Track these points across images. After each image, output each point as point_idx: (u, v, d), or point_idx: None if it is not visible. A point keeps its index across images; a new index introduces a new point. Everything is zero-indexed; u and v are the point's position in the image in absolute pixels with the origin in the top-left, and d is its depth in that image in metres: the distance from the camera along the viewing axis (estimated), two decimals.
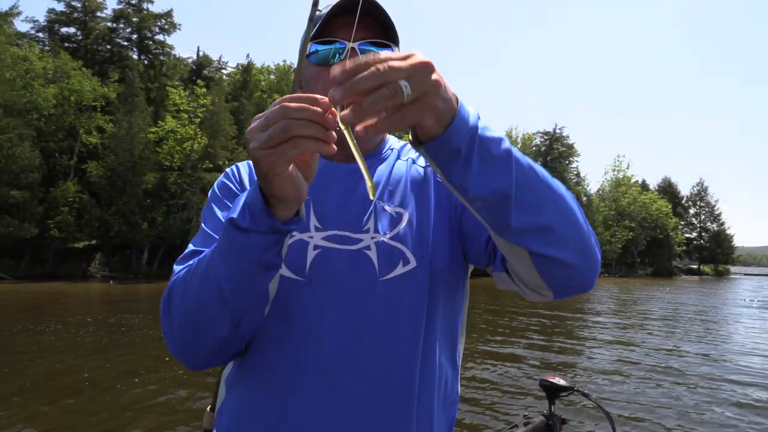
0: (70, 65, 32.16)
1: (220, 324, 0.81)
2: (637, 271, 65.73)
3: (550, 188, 0.78)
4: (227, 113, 35.47)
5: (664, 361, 9.44)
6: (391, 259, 0.95)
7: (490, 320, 14.53)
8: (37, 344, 9.78)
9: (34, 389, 6.72)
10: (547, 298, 0.88)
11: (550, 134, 61.31)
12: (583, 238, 0.81)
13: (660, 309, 20.34)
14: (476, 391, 6.97)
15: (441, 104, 0.64)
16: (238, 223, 0.74)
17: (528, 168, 0.75)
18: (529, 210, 0.75)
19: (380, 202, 1.01)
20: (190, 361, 0.88)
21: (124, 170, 31.43)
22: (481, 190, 0.72)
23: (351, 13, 0.95)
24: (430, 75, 0.62)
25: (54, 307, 16.50)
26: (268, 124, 0.65)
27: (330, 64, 0.98)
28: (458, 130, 0.67)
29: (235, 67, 47.50)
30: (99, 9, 39.72)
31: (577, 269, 0.81)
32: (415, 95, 0.60)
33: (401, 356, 0.91)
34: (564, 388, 2.49)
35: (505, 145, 0.73)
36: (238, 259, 0.76)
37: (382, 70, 0.59)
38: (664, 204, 69.13)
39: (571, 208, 0.80)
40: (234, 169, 1.09)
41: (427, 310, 0.94)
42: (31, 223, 27.84)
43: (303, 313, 0.91)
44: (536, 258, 0.79)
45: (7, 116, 27.23)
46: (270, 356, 0.91)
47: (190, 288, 0.81)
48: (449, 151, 0.68)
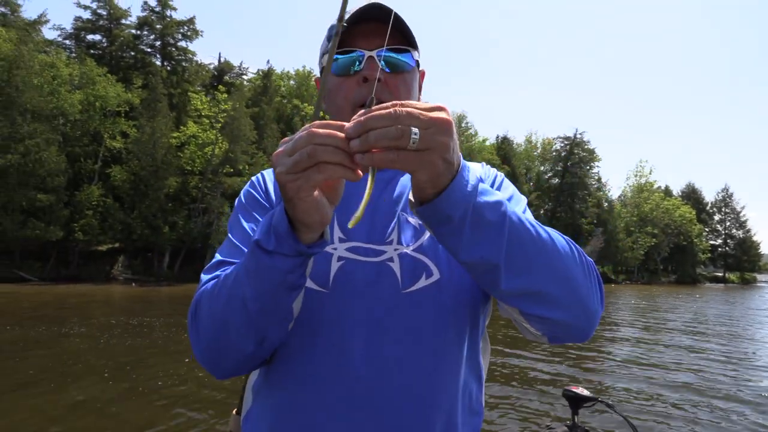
0: (96, 72, 32.91)
1: (245, 340, 0.82)
2: (660, 278, 64.53)
3: (544, 250, 0.77)
4: (248, 118, 35.89)
5: (691, 375, 9.23)
6: (414, 271, 0.94)
7: (510, 328, 14.39)
8: (61, 345, 9.96)
9: (58, 390, 6.84)
10: (543, 342, 0.90)
11: (571, 139, 60.63)
12: (579, 296, 0.81)
13: (685, 319, 19.91)
14: (498, 401, 6.88)
15: (440, 165, 0.66)
16: (263, 245, 0.75)
17: (523, 230, 0.75)
18: (520, 275, 0.76)
19: (404, 213, 1.00)
20: (217, 371, 0.89)
21: (147, 174, 32.00)
22: (470, 258, 0.73)
23: (368, 22, 0.96)
24: (443, 134, 0.64)
25: (78, 308, 16.82)
26: (294, 149, 0.66)
27: (350, 74, 0.99)
28: (453, 197, 0.69)
29: (256, 72, 48.12)
30: (124, 17, 40.60)
31: (571, 325, 0.82)
32: (420, 146, 0.62)
33: (425, 368, 0.90)
34: (588, 398, 2.46)
35: (501, 209, 0.73)
36: (263, 280, 0.77)
37: (398, 113, 0.62)
38: (688, 210, 67.85)
39: (568, 267, 0.80)
40: (259, 177, 1.10)
41: (450, 322, 0.94)
42: (56, 227, 28.50)
43: (327, 324, 0.91)
44: (527, 316, 0.81)
45: (34, 121, 27.95)
46: (296, 367, 0.91)
47: (217, 303, 0.82)
48: (440, 217, 0.70)
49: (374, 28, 0.98)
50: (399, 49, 0.99)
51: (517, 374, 8.60)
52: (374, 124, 0.62)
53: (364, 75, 0.97)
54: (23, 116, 27.40)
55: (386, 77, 0.98)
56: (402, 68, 1.00)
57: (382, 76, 0.98)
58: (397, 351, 0.89)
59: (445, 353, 0.92)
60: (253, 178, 1.10)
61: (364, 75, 0.97)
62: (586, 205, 57.81)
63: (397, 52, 0.99)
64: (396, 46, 0.99)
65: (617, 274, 60.24)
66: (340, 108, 1.01)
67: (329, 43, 1.04)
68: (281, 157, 0.67)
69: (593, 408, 2.50)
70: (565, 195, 58.24)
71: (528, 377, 8.40)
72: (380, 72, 0.97)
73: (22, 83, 27.47)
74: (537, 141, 63.65)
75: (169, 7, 41.25)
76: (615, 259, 57.58)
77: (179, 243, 32.88)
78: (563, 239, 0.82)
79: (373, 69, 0.97)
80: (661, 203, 64.83)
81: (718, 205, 78.58)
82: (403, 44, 1.00)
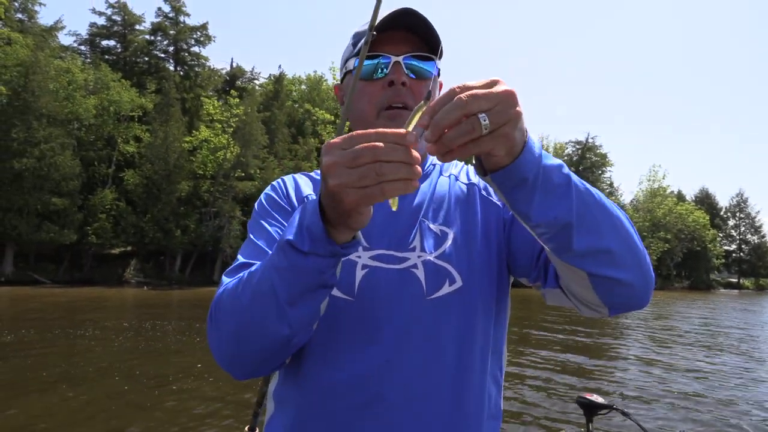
0: (110, 77, 33.33)
1: (273, 338, 0.81)
2: (673, 283, 63.82)
3: (607, 211, 0.78)
4: (259, 123, 36.08)
5: (707, 383, 9.10)
6: (437, 278, 0.95)
7: (522, 333, 14.30)
8: (75, 347, 10.06)
9: (72, 392, 6.91)
10: (603, 315, 0.89)
11: (583, 144, 60.30)
12: (639, 257, 0.81)
13: (701, 327, 19.67)
14: (511, 407, 6.83)
15: (516, 136, 0.66)
16: (297, 245, 0.75)
17: (586, 192, 0.76)
18: (589, 234, 0.76)
19: (425, 220, 1.01)
20: (238, 371, 0.88)
21: (160, 178, 32.26)
22: (544, 218, 0.74)
23: (394, 29, 0.99)
24: (512, 107, 0.63)
25: (92, 311, 16.98)
26: (357, 162, 0.64)
27: (374, 79, 1.01)
28: (526, 161, 0.69)
29: (267, 77, 48.43)
30: (138, 22, 41.09)
31: (635, 287, 0.81)
32: (493, 127, 0.62)
33: (450, 375, 0.91)
34: (602, 406, 2.43)
35: (565, 171, 0.75)
36: (296, 279, 0.77)
37: (465, 100, 0.61)
38: (702, 215, 67.07)
39: (628, 228, 0.81)
40: (280, 182, 1.11)
41: (473, 328, 0.95)
42: (70, 230, 28.83)
43: (353, 333, 0.92)
44: (594, 279, 0.80)
45: (50, 126, 28.33)
46: (321, 376, 0.92)
47: (242, 302, 0.81)
48: (516, 180, 0.70)
49: (400, 35, 1.00)
50: (423, 57, 1.01)
51: (529, 381, 8.54)
52: (446, 120, 0.62)
53: (390, 79, 0.99)
54: (39, 121, 27.78)
55: (410, 83, 1.00)
56: (425, 75, 1.02)
57: (407, 80, 0.99)
58: (423, 357, 0.91)
59: (468, 359, 0.93)
60: (274, 183, 1.11)
61: (390, 79, 0.99)
62: None
63: (420, 60, 1.01)
64: (420, 53, 1.01)
65: None
66: (363, 112, 1.02)
67: (354, 48, 1.06)
68: (339, 168, 0.65)
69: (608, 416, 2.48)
70: None
71: (541, 384, 8.33)
72: (405, 77, 0.99)
73: (38, 88, 27.88)
74: (548, 145, 63.34)
75: (182, 13, 41.67)
76: None
77: (191, 246, 33.08)
78: (615, 205, 0.82)
79: (399, 74, 0.99)
80: (674, 208, 64.14)
81: (733, 210, 77.63)
82: (427, 52, 1.02)
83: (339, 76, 1.16)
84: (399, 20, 0.98)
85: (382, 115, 1.00)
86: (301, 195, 1.07)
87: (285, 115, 41.96)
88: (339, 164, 0.65)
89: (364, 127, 0.99)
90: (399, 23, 0.99)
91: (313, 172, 1.15)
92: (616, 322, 19.03)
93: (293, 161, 38.34)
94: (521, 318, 17.97)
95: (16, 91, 27.63)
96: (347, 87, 1.08)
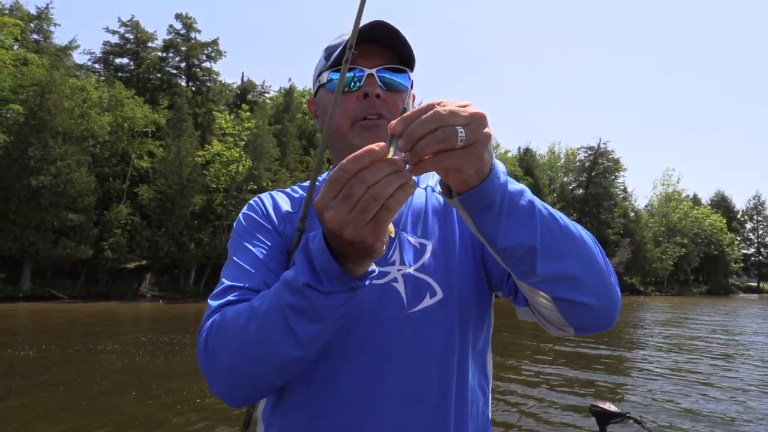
0: (124, 94, 33.84)
1: (289, 372, 0.83)
2: (691, 288, 62.98)
3: (571, 234, 0.80)
4: (270, 136, 36.38)
5: (725, 390, 8.88)
6: (418, 291, 0.95)
7: (532, 341, 14.15)
8: (97, 362, 10.10)
9: (96, 408, 6.90)
10: (569, 334, 0.91)
11: (595, 149, 59.94)
12: (604, 280, 0.83)
13: (718, 333, 19.32)
14: (521, 416, 6.72)
15: (486, 156, 0.68)
16: (316, 287, 0.75)
17: (549, 217, 0.78)
18: (553, 259, 0.78)
19: (403, 233, 1.02)
20: (236, 399, 0.87)
21: (173, 193, 32.57)
22: (510, 242, 0.75)
23: (367, 42, 0.99)
24: (484, 127, 0.66)
25: (110, 326, 17.09)
26: (353, 201, 0.64)
27: (348, 91, 1.01)
28: (493, 183, 0.71)
29: (278, 90, 48.87)
30: (150, 40, 41.80)
31: (598, 310, 0.83)
32: (467, 142, 0.64)
33: (434, 387, 0.92)
34: (616, 414, 2.41)
35: (528, 196, 0.77)
36: (316, 317, 0.77)
37: (443, 113, 0.63)
38: (718, 219, 66.31)
39: (593, 252, 0.82)
40: (258, 201, 1.10)
41: (456, 340, 0.95)
42: (86, 245, 29.14)
43: (336, 350, 0.91)
44: (558, 302, 0.82)
45: (66, 143, 28.76)
46: (310, 391, 0.92)
47: (248, 335, 0.80)
48: (484, 202, 0.72)
49: (374, 48, 1.01)
50: (396, 69, 1.03)
51: (541, 389, 8.46)
52: (420, 130, 0.63)
53: (364, 91, 1.00)
54: (55, 139, 28.22)
55: (384, 95, 1.01)
56: (398, 87, 1.03)
57: (381, 93, 1.00)
58: (406, 371, 0.91)
59: (452, 370, 0.93)
60: (251, 202, 1.10)
61: (365, 91, 1.00)
62: (612, 215, 56.91)
63: (393, 72, 1.02)
64: (393, 65, 1.02)
65: (646, 285, 58.98)
66: (337, 124, 1.03)
67: (326, 62, 1.07)
68: (343, 216, 0.65)
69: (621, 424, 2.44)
70: (590, 206, 57.45)
71: (553, 392, 8.24)
72: (379, 89, 1.00)
73: (54, 107, 28.36)
74: (560, 152, 63.12)
75: (193, 29, 42.33)
76: (643, 270, 56.42)
77: (205, 260, 33.28)
78: (578, 227, 0.84)
79: (372, 86, 1.00)
80: (690, 212, 63.49)
81: (750, 213, 76.66)
82: (400, 64, 1.03)
83: (313, 89, 1.17)
84: (372, 33, 0.99)
85: (356, 126, 1.01)
86: (280, 212, 1.06)
87: (296, 127, 42.26)
88: (340, 213, 0.65)
89: (339, 138, 1.03)
90: (372, 36, 0.99)
91: (290, 189, 1.15)
92: (629, 329, 18.77)
93: (305, 173, 38.54)
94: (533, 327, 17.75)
95: (32, 110, 28.14)
96: (321, 100, 1.09)
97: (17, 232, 26.92)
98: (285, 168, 37.78)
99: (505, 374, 9.38)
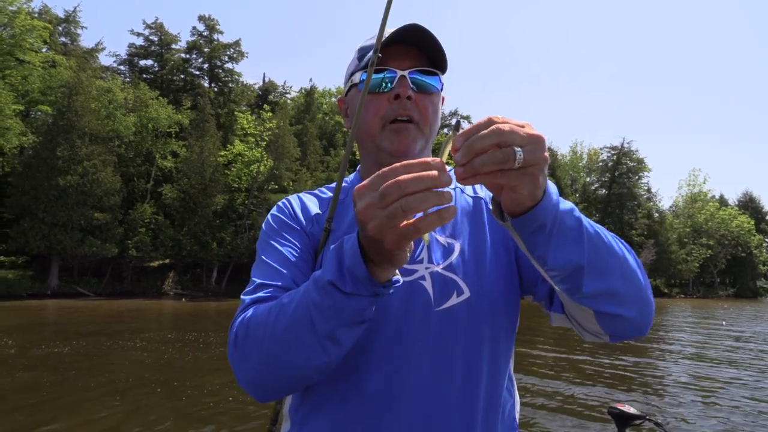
0: (148, 95, 34.44)
1: (310, 369, 0.83)
2: (717, 291, 61.66)
3: (614, 251, 0.81)
4: (291, 136, 36.64)
5: (747, 393, 8.60)
6: (445, 289, 0.96)
7: (552, 342, 13.96)
8: (126, 359, 10.25)
9: (126, 404, 6.98)
10: (603, 340, 0.92)
11: (618, 149, 59.04)
12: (642, 294, 0.85)
13: (741, 336, 18.85)
14: (539, 417, 6.61)
15: (541, 179, 0.68)
16: (339, 286, 0.75)
17: (595, 235, 0.78)
18: (598, 276, 0.78)
19: (432, 232, 1.01)
20: (263, 394, 0.88)
21: (196, 192, 33.00)
22: (558, 262, 0.75)
23: (400, 44, 1.01)
24: (543, 150, 0.65)
25: (136, 323, 17.35)
26: (386, 202, 0.63)
27: (379, 92, 1.02)
28: (546, 206, 0.71)
29: (299, 91, 49.15)
30: (174, 42, 42.44)
31: (637, 321, 0.85)
32: (525, 163, 0.63)
33: (459, 385, 0.92)
34: (635, 416, 2.37)
35: (576, 214, 0.77)
36: (337, 317, 0.78)
37: (505, 130, 0.62)
38: (746, 220, 64.79)
39: (632, 267, 0.83)
40: (286, 202, 1.11)
41: (482, 339, 0.96)
42: (111, 244, 29.67)
43: (365, 348, 0.92)
44: (600, 315, 0.83)
45: (92, 144, 29.34)
46: (338, 388, 0.93)
47: (276, 331, 0.81)
48: (536, 225, 0.72)
49: (406, 50, 1.02)
50: (428, 72, 1.03)
51: (557, 387, 8.35)
52: (480, 144, 0.62)
53: (396, 92, 1.00)
54: (82, 139, 28.80)
55: (416, 97, 1.01)
56: (429, 90, 1.03)
57: (412, 94, 1.01)
58: (432, 368, 0.92)
59: (479, 369, 0.94)
60: (279, 203, 1.12)
61: (396, 92, 1.00)
62: (636, 216, 56.00)
63: (425, 74, 1.03)
64: (425, 68, 1.03)
65: (671, 287, 57.94)
66: (368, 125, 1.03)
67: (359, 62, 1.08)
68: (373, 210, 0.65)
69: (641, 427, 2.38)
70: (613, 206, 56.63)
71: (570, 390, 8.13)
72: (411, 91, 1.01)
73: (81, 108, 28.95)
74: (582, 151, 62.36)
75: (216, 30, 42.86)
76: (668, 272, 55.41)
77: (227, 258, 33.64)
78: (619, 241, 0.85)
79: (404, 87, 1.00)
80: (716, 213, 62.21)
81: None
82: (432, 67, 1.04)
83: (344, 88, 1.18)
84: (405, 35, 1.00)
85: (387, 128, 1.02)
86: (308, 214, 1.07)
87: (316, 127, 42.49)
88: (371, 206, 0.65)
89: (368, 139, 1.04)
90: (405, 38, 1.00)
91: (318, 190, 1.16)
92: (657, 330, 18.40)
93: (325, 173, 38.71)
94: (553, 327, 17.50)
95: (60, 111, 28.76)
96: (351, 100, 1.10)
97: (45, 230, 27.53)
98: (306, 168, 37.99)
99: (521, 373, 9.25)
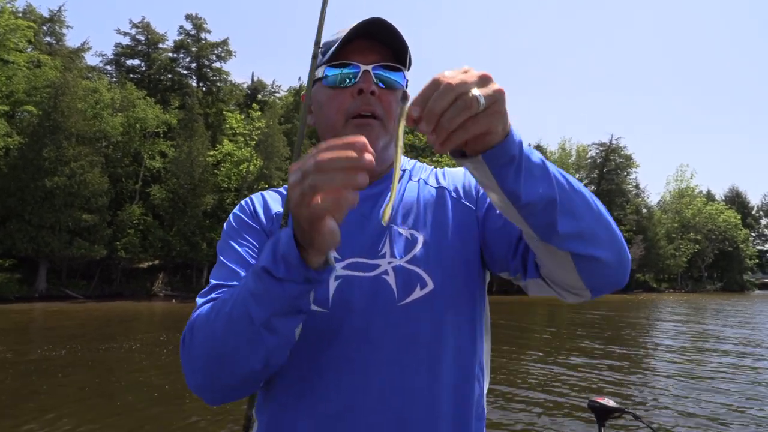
0: (136, 95, 34.15)
1: (251, 363, 0.81)
2: (705, 285, 62.34)
3: (582, 194, 0.81)
4: (281, 135, 36.51)
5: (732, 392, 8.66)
6: (408, 282, 0.95)
7: (531, 336, 14.07)
8: (116, 362, 10.18)
9: (116, 407, 6.94)
10: (585, 298, 0.92)
11: (606, 145, 59.41)
12: (616, 236, 0.85)
13: (727, 329, 19.09)
14: (519, 413, 6.66)
15: (505, 111, 0.68)
16: (272, 272, 0.76)
17: (558, 173, 0.79)
18: (572, 216, 0.79)
19: (394, 225, 1.02)
20: (209, 395, 0.88)
21: (185, 192, 32.80)
22: (531, 196, 0.75)
23: (364, 38, 1.00)
24: (494, 84, 0.65)
25: (126, 325, 17.23)
26: (304, 180, 0.65)
27: (343, 87, 1.01)
28: (514, 138, 0.72)
29: (288, 90, 48.96)
30: (161, 41, 42.10)
31: (614, 265, 0.85)
32: (488, 103, 0.64)
33: (426, 378, 0.92)
34: (614, 409, 2.39)
35: (539, 154, 0.78)
36: (271, 304, 0.77)
37: (456, 81, 0.62)
38: (733, 215, 65.55)
39: (600, 208, 0.84)
40: (248, 201, 1.11)
41: (447, 331, 0.95)
42: (100, 245, 29.42)
43: (327, 344, 0.92)
44: (578, 258, 0.82)
45: (79, 144, 29.05)
46: (301, 385, 0.93)
47: (217, 327, 0.81)
48: (507, 157, 0.72)
49: (369, 45, 1.01)
50: (392, 67, 1.02)
51: (537, 381, 8.42)
52: (440, 104, 0.62)
53: (359, 87, 0.99)
54: (68, 140, 28.50)
55: (379, 92, 1.00)
56: (393, 85, 1.03)
57: (376, 90, 1.00)
58: (398, 363, 0.92)
59: (444, 361, 0.94)
60: (242, 202, 1.12)
61: (360, 87, 0.99)
62: (625, 212, 56.39)
63: (390, 70, 1.02)
64: (389, 63, 1.02)
65: (659, 282, 58.47)
66: (331, 120, 1.03)
67: (323, 57, 1.07)
68: (293, 187, 0.67)
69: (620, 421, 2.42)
70: (602, 202, 56.91)
71: (550, 385, 8.20)
72: (374, 86, 1.00)
73: (68, 108, 28.65)
74: (571, 148, 62.67)
75: (203, 29, 42.58)
76: (656, 267, 55.92)
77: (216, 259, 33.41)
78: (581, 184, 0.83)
79: (368, 82, 0.99)
80: (704, 208, 62.84)
81: (765, 209, 75.74)
82: (394, 62, 1.04)
83: None
84: (369, 29, 0.99)
85: (350, 124, 1.01)
86: (269, 213, 1.07)
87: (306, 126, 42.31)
88: (293, 184, 0.67)
89: (332, 134, 1.01)
90: (369, 32, 0.99)
91: (283, 188, 1.15)
92: (639, 322, 18.59)
93: None
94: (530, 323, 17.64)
95: (46, 112, 28.44)
96: (316, 95, 1.10)
97: (32, 232, 27.25)
98: None
99: (503, 369, 9.32)
